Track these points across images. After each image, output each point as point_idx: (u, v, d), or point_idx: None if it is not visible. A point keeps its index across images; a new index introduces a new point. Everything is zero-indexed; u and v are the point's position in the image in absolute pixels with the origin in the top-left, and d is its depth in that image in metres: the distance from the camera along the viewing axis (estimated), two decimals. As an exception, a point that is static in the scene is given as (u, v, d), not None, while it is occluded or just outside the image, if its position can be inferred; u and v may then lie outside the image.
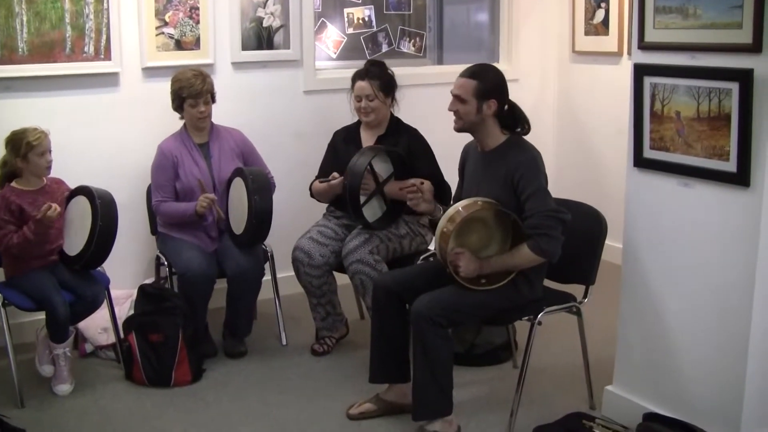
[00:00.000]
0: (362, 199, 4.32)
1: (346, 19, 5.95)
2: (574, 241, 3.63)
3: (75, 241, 4.16)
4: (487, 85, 3.60)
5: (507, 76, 3.74)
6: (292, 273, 4.56)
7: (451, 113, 3.68)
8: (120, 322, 4.44)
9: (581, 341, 3.91)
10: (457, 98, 3.64)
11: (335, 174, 4.41)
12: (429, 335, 3.50)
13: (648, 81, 3.42)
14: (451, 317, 3.56)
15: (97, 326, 4.56)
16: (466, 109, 3.62)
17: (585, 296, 3.85)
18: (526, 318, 3.71)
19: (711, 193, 3.28)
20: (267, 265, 4.71)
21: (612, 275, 4.00)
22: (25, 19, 4.50)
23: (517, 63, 6.27)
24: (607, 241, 3.83)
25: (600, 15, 5.95)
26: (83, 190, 4.20)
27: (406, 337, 3.75)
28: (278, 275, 4.83)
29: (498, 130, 3.66)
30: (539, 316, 3.67)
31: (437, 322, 3.49)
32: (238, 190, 4.47)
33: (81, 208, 4.15)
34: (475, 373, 4.31)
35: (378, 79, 4.50)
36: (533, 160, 3.58)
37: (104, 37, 4.71)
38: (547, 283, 3.84)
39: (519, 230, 3.51)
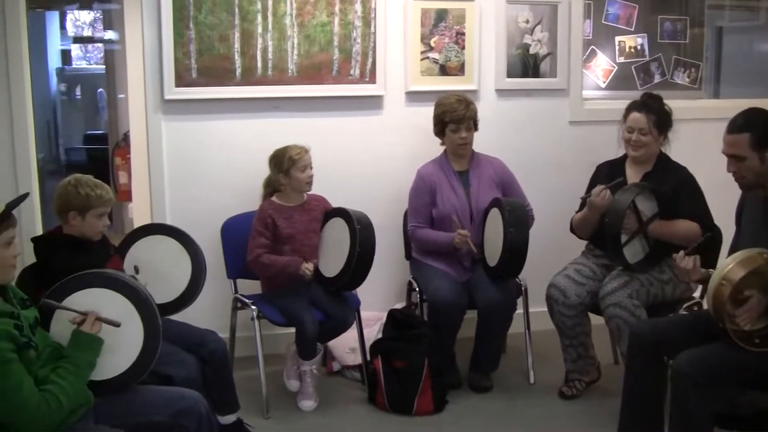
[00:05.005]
0: (623, 238, 4.10)
1: (617, 48, 5.75)
2: None
3: (331, 262, 4.23)
4: (762, 133, 3.29)
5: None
6: (545, 308, 4.39)
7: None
8: (368, 345, 4.45)
9: None
10: (733, 158, 3.34)
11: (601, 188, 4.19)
12: (690, 396, 3.22)
13: None
14: (715, 378, 3.26)
15: (346, 346, 4.62)
16: (747, 166, 3.32)
17: None
18: (801, 386, 3.34)
19: None
20: (520, 299, 4.57)
21: None
22: (296, 41, 4.65)
23: (805, 98, 5.77)
24: None
25: None
26: (342, 213, 4.25)
27: (661, 391, 3.51)
28: (531, 310, 4.67)
29: (788, 176, 3.33)
30: (817, 385, 3.30)
31: (700, 383, 3.21)
32: (495, 222, 4.36)
33: (339, 230, 4.22)
34: (737, 438, 3.96)
35: (655, 114, 4.26)
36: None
37: (370, 60, 4.79)
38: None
39: None
